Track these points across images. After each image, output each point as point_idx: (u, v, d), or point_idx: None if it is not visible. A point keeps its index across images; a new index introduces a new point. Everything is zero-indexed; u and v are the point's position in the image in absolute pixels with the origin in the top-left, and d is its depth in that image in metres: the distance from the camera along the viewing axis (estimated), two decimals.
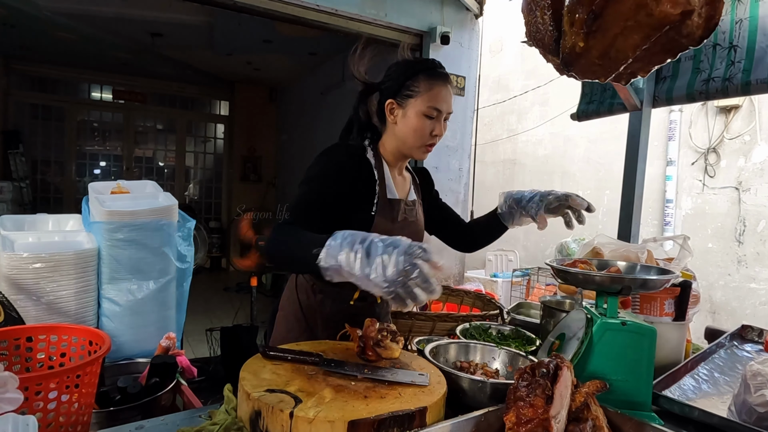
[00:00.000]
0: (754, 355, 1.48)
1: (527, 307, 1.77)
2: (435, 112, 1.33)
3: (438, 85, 1.34)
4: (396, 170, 1.45)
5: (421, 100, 1.33)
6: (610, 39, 0.63)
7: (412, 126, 1.34)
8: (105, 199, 1.49)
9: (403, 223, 1.41)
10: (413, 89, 1.34)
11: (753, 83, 2.21)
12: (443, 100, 1.34)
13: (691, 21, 0.61)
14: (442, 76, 1.36)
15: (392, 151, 1.42)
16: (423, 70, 1.35)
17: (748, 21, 2.24)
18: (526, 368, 0.97)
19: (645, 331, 1.10)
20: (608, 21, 0.62)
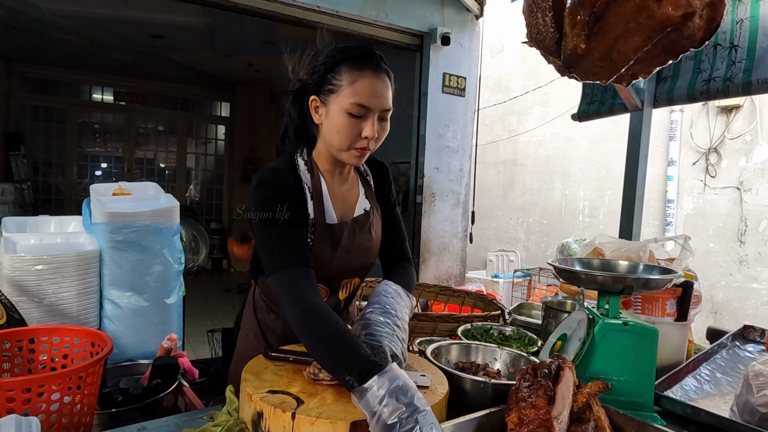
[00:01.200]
0: (756, 355, 1.48)
1: (528, 308, 1.77)
2: (361, 109, 1.09)
3: (364, 77, 1.10)
4: (336, 180, 1.25)
5: (344, 96, 1.10)
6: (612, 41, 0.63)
7: (335, 126, 1.12)
8: (106, 200, 1.49)
9: (348, 247, 1.22)
10: (335, 83, 1.11)
11: (754, 83, 2.21)
12: (371, 94, 1.10)
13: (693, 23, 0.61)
14: (370, 65, 1.11)
15: (326, 157, 1.21)
16: (345, 59, 1.12)
17: (749, 21, 2.24)
18: (528, 369, 0.97)
19: (647, 332, 1.10)
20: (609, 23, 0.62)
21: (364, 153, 1.15)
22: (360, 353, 0.89)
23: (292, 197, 1.14)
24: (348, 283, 1.31)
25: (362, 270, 1.31)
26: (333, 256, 1.19)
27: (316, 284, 1.05)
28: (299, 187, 1.17)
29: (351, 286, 1.33)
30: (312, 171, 1.20)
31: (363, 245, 1.25)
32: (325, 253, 1.18)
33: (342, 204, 1.25)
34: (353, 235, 1.23)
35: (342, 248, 1.20)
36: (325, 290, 1.26)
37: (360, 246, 1.24)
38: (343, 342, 0.92)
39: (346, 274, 1.28)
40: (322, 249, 1.17)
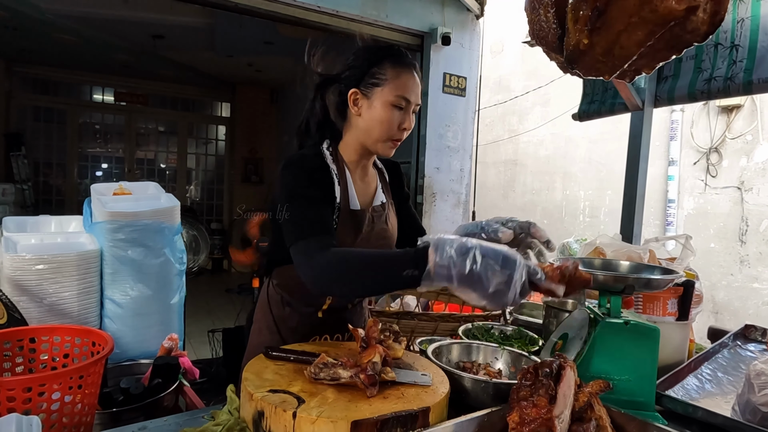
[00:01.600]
0: (758, 354, 1.47)
1: (530, 308, 1.77)
2: (403, 102, 1.20)
3: (406, 74, 1.21)
4: (359, 173, 1.31)
5: (388, 89, 1.19)
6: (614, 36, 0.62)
7: (379, 117, 1.20)
8: (107, 200, 1.49)
9: (368, 234, 1.27)
10: (379, 77, 1.20)
11: (755, 82, 2.20)
12: (411, 89, 1.21)
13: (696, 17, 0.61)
14: (409, 64, 1.23)
15: (355, 149, 1.28)
16: (389, 56, 1.22)
17: (750, 20, 2.24)
18: (529, 368, 0.97)
19: (648, 331, 1.10)
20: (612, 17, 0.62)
21: (396, 144, 1.25)
22: (398, 253, 0.94)
23: (319, 178, 1.20)
24: None
25: None
26: (354, 243, 1.24)
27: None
28: (326, 172, 1.23)
29: None
30: (337, 161, 1.27)
31: (380, 235, 1.31)
32: (347, 238, 1.23)
33: (363, 194, 1.31)
34: (372, 224, 1.29)
35: (363, 235, 1.26)
36: None
37: (378, 235, 1.30)
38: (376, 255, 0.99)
39: None
40: (345, 233, 1.23)
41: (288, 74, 7.47)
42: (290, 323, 1.35)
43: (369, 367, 0.92)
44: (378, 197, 1.34)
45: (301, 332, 1.33)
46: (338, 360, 0.96)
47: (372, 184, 1.35)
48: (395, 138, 1.23)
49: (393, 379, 0.94)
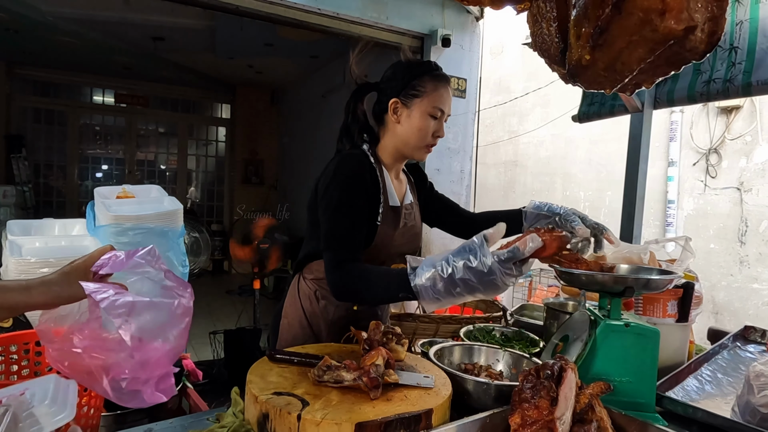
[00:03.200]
0: (757, 355, 1.48)
1: (530, 309, 1.78)
2: (439, 112, 1.35)
3: (442, 87, 1.35)
4: (393, 173, 1.44)
5: (427, 101, 1.33)
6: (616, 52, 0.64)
7: (417, 126, 1.34)
8: (111, 203, 1.50)
9: (403, 228, 1.39)
10: (419, 89, 1.34)
11: (754, 84, 2.22)
12: (446, 101, 1.36)
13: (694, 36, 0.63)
14: (445, 78, 1.38)
15: (392, 153, 1.40)
16: (428, 71, 1.37)
17: (749, 22, 2.25)
18: (531, 370, 0.98)
19: (648, 333, 1.11)
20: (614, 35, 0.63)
21: (430, 150, 1.40)
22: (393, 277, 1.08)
23: (369, 181, 1.31)
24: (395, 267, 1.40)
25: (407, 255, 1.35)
26: (393, 235, 1.36)
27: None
28: (374, 172, 1.35)
29: None
30: (378, 162, 1.39)
31: (413, 231, 1.45)
32: (388, 232, 1.35)
33: (398, 192, 1.44)
34: (407, 219, 1.42)
35: (400, 228, 1.38)
36: None
37: (410, 230, 1.43)
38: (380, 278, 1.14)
39: (396, 258, 1.43)
40: (387, 227, 1.34)
41: (288, 76, 7.48)
42: (326, 317, 1.41)
43: (372, 369, 0.93)
44: (408, 197, 1.48)
45: (339, 325, 1.39)
46: (342, 362, 0.97)
47: (403, 185, 1.49)
48: (430, 144, 1.37)
49: (396, 381, 0.95)
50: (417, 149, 1.37)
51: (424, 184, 1.62)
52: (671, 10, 0.63)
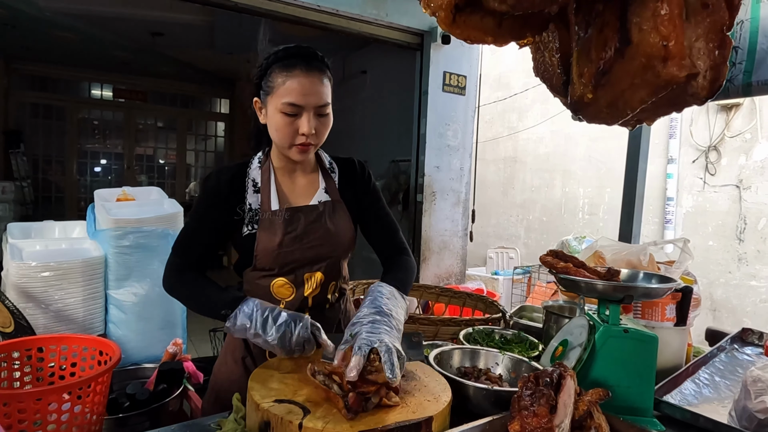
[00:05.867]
0: (755, 358, 1.49)
1: (530, 311, 1.78)
2: (293, 108, 1.17)
3: (294, 77, 1.16)
4: (287, 176, 1.32)
5: (277, 96, 1.17)
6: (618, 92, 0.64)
7: (274, 125, 1.20)
8: (111, 206, 1.50)
9: (297, 233, 1.25)
10: (270, 84, 1.19)
11: (754, 84, 2.21)
12: (302, 93, 1.16)
13: (696, 82, 0.63)
14: (299, 64, 1.18)
15: (278, 154, 1.30)
16: (276, 61, 1.20)
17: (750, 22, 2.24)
18: (530, 377, 0.99)
19: (647, 339, 1.12)
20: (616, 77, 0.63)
21: (306, 149, 1.22)
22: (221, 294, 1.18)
23: (229, 192, 1.26)
24: (310, 278, 1.30)
25: (320, 262, 1.29)
26: (280, 242, 1.24)
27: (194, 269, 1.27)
28: (238, 183, 1.28)
29: (315, 282, 1.30)
30: (263, 167, 1.30)
31: (317, 235, 1.28)
32: (271, 238, 1.24)
33: (293, 195, 1.31)
34: (302, 222, 1.27)
35: (289, 233, 1.25)
36: (290, 286, 1.29)
37: (313, 234, 1.28)
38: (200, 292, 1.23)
39: (304, 265, 1.28)
40: (268, 234, 1.24)
41: None
42: None
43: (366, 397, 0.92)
44: (317, 197, 1.32)
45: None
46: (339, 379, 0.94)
47: (311, 186, 1.34)
48: (298, 143, 1.20)
49: (397, 404, 0.94)
50: (287, 150, 1.22)
51: (361, 184, 1.40)
52: (674, 57, 0.63)
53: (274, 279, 1.27)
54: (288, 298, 1.28)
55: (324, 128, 1.24)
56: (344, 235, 1.32)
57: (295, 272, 1.28)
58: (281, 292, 1.28)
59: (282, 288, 1.28)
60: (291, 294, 1.28)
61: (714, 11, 0.59)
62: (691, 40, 0.61)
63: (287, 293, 1.28)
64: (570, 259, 1.18)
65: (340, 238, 1.31)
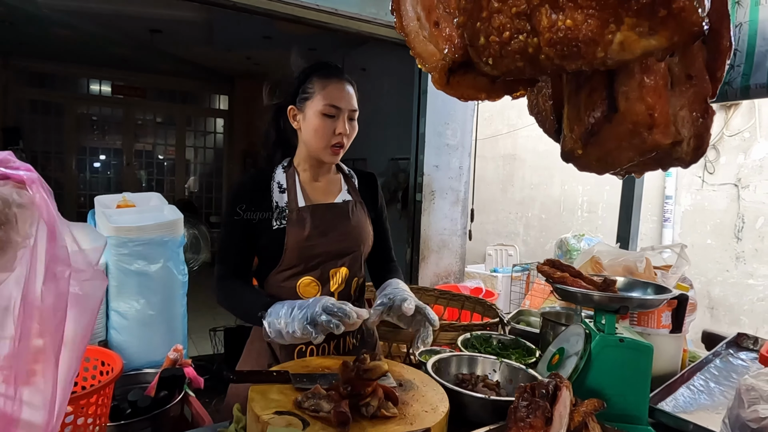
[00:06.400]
0: (749, 363, 1.51)
1: (527, 315, 1.80)
2: (333, 109, 1.32)
3: (332, 83, 1.33)
4: (311, 178, 1.42)
5: (317, 100, 1.32)
6: (606, 151, 0.66)
7: (313, 126, 1.33)
8: (111, 213, 1.51)
9: (323, 227, 1.35)
10: (308, 91, 1.34)
11: (752, 87, 2.22)
12: (340, 97, 1.33)
13: (681, 148, 0.65)
14: (336, 73, 1.36)
15: (305, 158, 1.41)
16: (315, 71, 1.36)
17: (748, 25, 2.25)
18: (527, 388, 1.00)
19: (642, 348, 1.13)
20: (604, 138, 0.65)
21: (338, 150, 1.35)
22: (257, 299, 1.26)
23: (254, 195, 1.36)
24: (336, 274, 1.38)
25: (345, 257, 1.39)
26: (308, 235, 1.33)
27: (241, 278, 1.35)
28: (262, 187, 1.38)
29: (340, 278, 1.39)
30: (288, 171, 1.41)
31: (341, 230, 1.38)
32: (300, 232, 1.33)
33: (318, 194, 1.42)
34: (327, 218, 1.37)
35: (315, 227, 1.34)
36: (316, 284, 1.37)
37: (337, 229, 1.38)
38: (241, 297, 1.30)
39: (330, 261, 1.37)
40: (296, 229, 1.33)
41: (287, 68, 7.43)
42: None
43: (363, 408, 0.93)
44: (341, 197, 1.44)
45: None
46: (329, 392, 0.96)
47: (334, 186, 1.46)
48: (333, 144, 1.34)
49: (395, 415, 0.95)
50: (320, 151, 1.35)
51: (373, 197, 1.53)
52: (659, 125, 0.66)
53: (300, 278, 1.35)
54: (314, 296, 1.34)
55: (353, 132, 1.37)
56: (365, 231, 1.43)
57: (321, 267, 1.36)
58: (307, 292, 1.36)
59: (308, 287, 1.36)
60: (317, 292, 1.37)
61: (698, 82, 0.60)
62: (676, 109, 0.62)
63: (313, 292, 1.36)
64: (567, 268, 1.19)
65: (362, 234, 1.42)
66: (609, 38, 0.45)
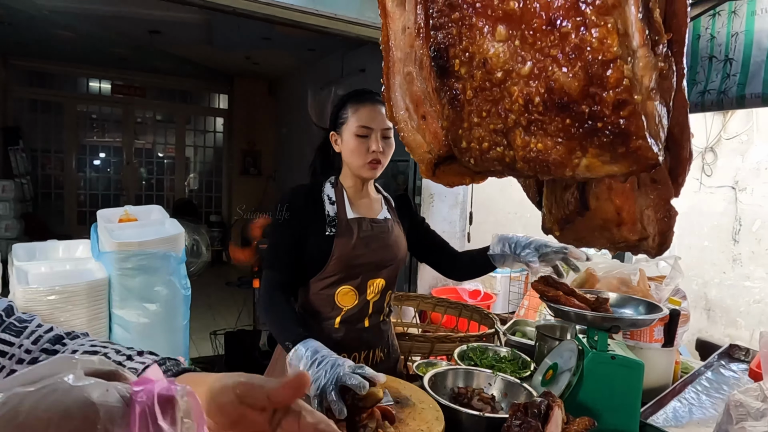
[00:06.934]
0: (740, 375, 1.53)
1: (523, 325, 1.83)
2: (365, 130, 1.43)
3: (364, 106, 1.45)
4: (356, 193, 1.54)
5: (351, 123, 1.45)
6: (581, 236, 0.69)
7: (350, 148, 1.45)
8: (113, 227, 1.53)
9: (367, 238, 1.47)
10: (344, 116, 1.47)
11: (747, 97, 2.24)
12: (371, 117, 1.44)
13: (647, 243, 0.68)
14: (368, 98, 1.48)
15: (349, 176, 1.53)
16: (349, 98, 1.50)
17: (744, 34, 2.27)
18: (520, 406, 1.03)
19: (633, 365, 1.16)
20: (578, 227, 0.68)
21: (375, 166, 1.46)
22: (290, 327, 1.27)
23: (302, 205, 1.46)
24: (373, 284, 1.49)
25: (383, 269, 1.50)
26: (353, 244, 1.44)
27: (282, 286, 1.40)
28: (315, 197, 1.49)
29: (376, 288, 1.50)
30: (336, 187, 1.53)
31: (382, 243, 1.50)
32: (347, 241, 1.44)
33: (363, 209, 1.54)
34: (371, 231, 1.49)
35: (360, 237, 1.46)
36: (354, 294, 1.47)
37: (379, 241, 1.49)
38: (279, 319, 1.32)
39: (369, 271, 1.48)
40: (344, 238, 1.44)
41: (286, 67, 7.44)
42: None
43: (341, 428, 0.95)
44: (382, 214, 1.57)
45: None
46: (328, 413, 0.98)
47: (375, 204, 1.58)
48: (370, 161, 1.45)
49: None
50: (360, 168, 1.46)
51: (410, 214, 1.69)
52: (626, 223, 0.72)
53: (340, 286, 1.45)
54: (350, 305, 1.46)
55: (388, 149, 1.48)
56: (402, 246, 1.56)
57: (361, 277, 1.46)
58: (345, 300, 1.46)
59: (346, 296, 1.46)
60: (354, 301, 1.47)
61: (662, 187, 0.64)
62: (642, 208, 0.66)
63: (351, 301, 1.46)
64: (560, 286, 1.22)
65: (400, 249, 1.54)
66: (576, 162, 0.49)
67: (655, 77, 0.46)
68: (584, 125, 0.46)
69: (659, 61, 0.47)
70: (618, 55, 0.43)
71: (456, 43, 0.51)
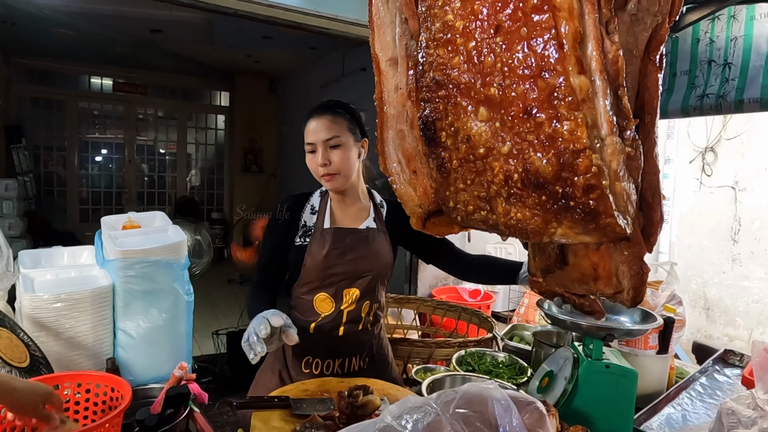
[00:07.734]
0: (734, 380, 1.56)
1: (521, 329, 1.85)
2: (310, 146, 1.49)
3: (309, 122, 1.50)
4: (340, 204, 1.57)
5: (305, 140, 1.51)
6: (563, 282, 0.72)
7: (308, 163, 1.51)
8: (117, 235, 1.56)
9: (342, 248, 1.49)
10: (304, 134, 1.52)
11: (746, 101, 2.25)
12: (313, 132, 1.47)
13: (621, 295, 0.71)
14: (314, 112, 1.51)
15: None
16: (306, 117, 1.53)
17: (743, 39, 2.27)
18: None
19: (627, 374, 1.18)
20: (559, 277, 0.71)
21: (329, 178, 1.48)
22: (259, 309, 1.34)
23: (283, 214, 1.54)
24: (348, 293, 1.51)
25: (358, 279, 1.51)
26: (326, 254, 1.47)
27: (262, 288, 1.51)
28: (299, 207, 1.56)
29: (351, 298, 1.51)
30: (323, 197, 1.57)
31: (358, 254, 1.50)
32: (319, 251, 1.48)
33: (344, 220, 1.56)
34: (347, 241, 1.50)
35: (334, 248, 1.48)
36: (330, 301, 1.51)
37: (355, 253, 1.50)
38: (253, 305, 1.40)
39: (344, 280, 1.49)
40: (317, 247, 1.49)
41: (287, 65, 7.44)
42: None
43: None
44: (365, 224, 1.57)
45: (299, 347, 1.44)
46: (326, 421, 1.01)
47: (361, 214, 1.59)
48: (321, 174, 1.48)
49: None
50: (320, 181, 1.52)
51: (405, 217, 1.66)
52: (602, 278, 0.77)
53: (316, 294, 1.50)
54: (327, 312, 1.51)
55: (337, 158, 1.46)
56: (383, 256, 1.54)
57: (336, 286, 1.50)
58: (322, 306, 1.51)
59: (323, 302, 1.51)
60: (331, 308, 1.50)
61: (635, 245, 0.66)
62: (617, 264, 0.69)
63: (328, 308, 1.51)
64: None
65: (379, 259, 1.53)
66: (552, 231, 0.52)
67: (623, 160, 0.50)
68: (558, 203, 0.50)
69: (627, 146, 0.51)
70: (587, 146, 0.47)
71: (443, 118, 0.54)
